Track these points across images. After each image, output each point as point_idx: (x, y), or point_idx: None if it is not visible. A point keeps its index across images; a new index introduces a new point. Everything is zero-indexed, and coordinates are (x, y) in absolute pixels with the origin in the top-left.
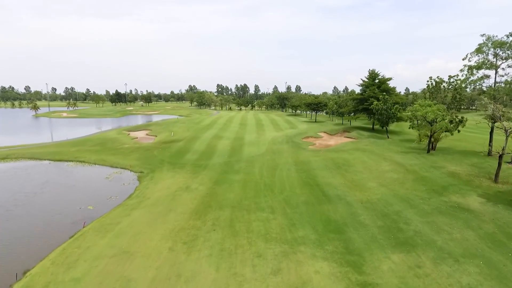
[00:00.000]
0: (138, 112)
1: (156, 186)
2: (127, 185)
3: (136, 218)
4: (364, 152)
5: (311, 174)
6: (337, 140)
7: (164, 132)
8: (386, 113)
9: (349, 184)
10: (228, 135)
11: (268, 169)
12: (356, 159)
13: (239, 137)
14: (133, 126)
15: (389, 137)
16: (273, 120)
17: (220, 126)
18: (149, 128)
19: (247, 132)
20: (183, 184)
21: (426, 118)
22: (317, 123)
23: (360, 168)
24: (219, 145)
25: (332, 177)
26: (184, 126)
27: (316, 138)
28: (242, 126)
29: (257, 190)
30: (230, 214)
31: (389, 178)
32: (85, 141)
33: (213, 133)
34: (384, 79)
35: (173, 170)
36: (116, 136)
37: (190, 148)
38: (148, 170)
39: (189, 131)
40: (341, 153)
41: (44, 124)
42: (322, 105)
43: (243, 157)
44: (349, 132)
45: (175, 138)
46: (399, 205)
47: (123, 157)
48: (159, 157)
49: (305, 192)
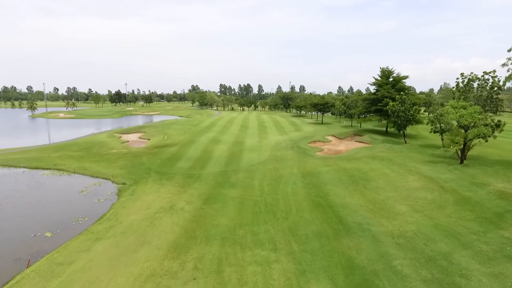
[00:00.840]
0: (138, 112)
1: (135, 204)
2: (102, 202)
3: (97, 254)
4: (382, 161)
5: (322, 191)
6: (347, 145)
7: (159, 135)
8: (404, 115)
9: (371, 206)
10: (227, 139)
11: (270, 182)
12: (375, 170)
13: (239, 142)
14: (127, 128)
15: (407, 142)
16: (276, 121)
17: (220, 128)
18: (143, 130)
19: (248, 135)
20: (167, 201)
21: (460, 122)
22: (323, 125)
23: (381, 184)
24: (216, 150)
25: (348, 195)
26: (181, 129)
27: (324, 143)
28: (243, 129)
29: (255, 212)
30: (219, 252)
31: (422, 198)
32: (70, 145)
33: (211, 136)
34: (399, 77)
35: (160, 181)
36: (105, 139)
37: (183, 154)
38: (132, 181)
39: (185, 134)
40: (355, 162)
41: (37, 125)
42: (329, 105)
43: (241, 166)
44: (361, 136)
45: (169, 142)
46: (446, 243)
47: (107, 164)
48: (147, 165)
49: (316, 217)
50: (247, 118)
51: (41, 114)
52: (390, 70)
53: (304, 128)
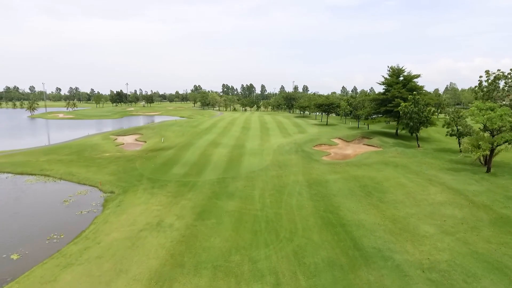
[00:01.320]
0: (139, 113)
1: (120, 218)
2: (84, 215)
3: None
4: (396, 168)
5: (331, 204)
6: (355, 149)
7: (156, 137)
8: (418, 117)
9: (391, 225)
10: (227, 141)
11: (272, 193)
12: (390, 179)
13: (240, 145)
14: (123, 130)
15: (420, 146)
16: (279, 122)
17: (220, 130)
18: (140, 132)
19: (249, 137)
20: (156, 215)
21: (488, 126)
22: (329, 126)
23: (400, 196)
24: (215, 154)
25: (362, 210)
26: (179, 130)
27: (331, 146)
28: (244, 130)
29: (255, 231)
30: (209, 286)
31: (450, 217)
32: (61, 148)
33: (210, 139)
34: (410, 76)
35: (151, 190)
36: (99, 142)
37: (179, 159)
38: (121, 189)
39: (183, 136)
40: (365, 168)
41: (34, 126)
42: (334, 106)
43: (241, 172)
44: (369, 139)
45: (165, 145)
46: (492, 281)
47: (97, 170)
48: (140, 170)
49: (326, 239)
50: (249, 119)
51: (40, 114)
52: (400, 69)
53: (309, 130)
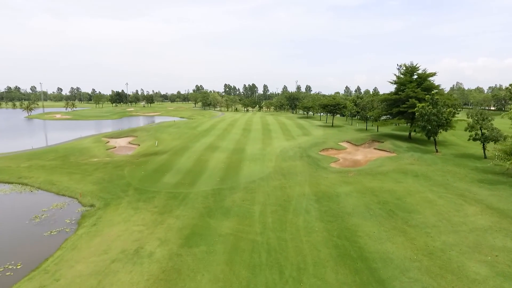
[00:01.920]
0: (138, 113)
1: (92, 242)
2: (53, 237)
3: None
4: (417, 178)
5: (346, 227)
6: (366, 154)
7: (150, 139)
8: (437, 119)
9: (427, 262)
10: (226, 145)
11: (275, 209)
12: (413, 193)
13: (240, 149)
14: (117, 132)
15: (438, 151)
16: (282, 124)
17: (219, 132)
18: (135, 134)
19: (250, 140)
20: (135, 240)
21: None
22: (334, 128)
23: (430, 217)
24: (212, 160)
25: (387, 237)
26: (176, 132)
27: (338, 151)
28: (245, 132)
29: (253, 265)
30: None
31: (503, 249)
32: (47, 153)
33: (208, 142)
34: (425, 74)
35: (136, 204)
36: (89, 145)
37: (172, 165)
38: (102, 202)
39: (180, 138)
40: (381, 178)
41: (28, 128)
42: (340, 106)
43: (240, 182)
44: (380, 142)
45: (159, 149)
46: None
47: (80, 178)
48: (128, 179)
49: (345, 280)
50: (251, 120)
51: (37, 115)
52: (414, 66)
53: (313, 132)
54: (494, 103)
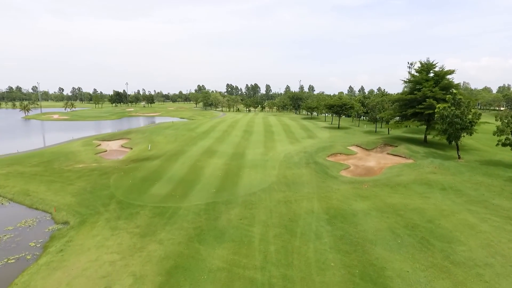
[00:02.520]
0: (138, 113)
1: (49, 279)
2: (8, 267)
3: None
4: (446, 192)
5: (370, 262)
6: (379, 160)
7: (145, 142)
8: (461, 122)
9: None
10: (224, 149)
11: (278, 232)
12: (448, 214)
13: (239, 153)
14: (110, 134)
15: (461, 157)
16: (285, 125)
17: (219, 134)
18: (129, 136)
19: (251, 144)
20: (103, 276)
21: None
22: (341, 130)
23: (478, 251)
24: (208, 167)
25: (426, 281)
26: (173, 134)
27: (348, 156)
28: (246, 135)
29: None
30: None
31: None
32: (30, 157)
33: (206, 145)
34: (443, 72)
35: (115, 223)
36: (78, 148)
37: (164, 173)
38: (78, 219)
39: (176, 141)
40: (402, 191)
41: (22, 129)
42: (347, 107)
43: (238, 194)
44: (394, 147)
45: (152, 154)
46: None
47: (60, 187)
48: (112, 189)
49: None
50: (252, 121)
51: (34, 115)
52: (430, 63)
53: (319, 134)
54: (504, 103)
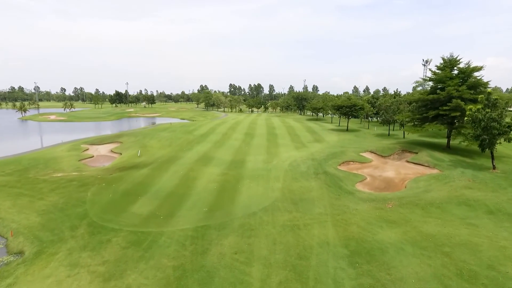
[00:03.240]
0: (138, 114)
1: None
2: None
3: None
4: (495, 217)
5: None
6: (399, 169)
7: (136, 146)
8: (498, 127)
9: None
10: (222, 155)
11: (284, 276)
12: (510, 255)
13: (239, 161)
14: (101, 137)
15: (496, 167)
16: (290, 127)
17: (218, 137)
18: (121, 139)
19: (252, 149)
20: None
21: None
22: (350, 132)
23: None
24: (202, 178)
25: None
26: (168, 138)
27: (362, 164)
28: (247, 138)
29: None
30: None
31: None
32: (6, 164)
33: (203, 150)
34: (469, 68)
35: (78, 255)
36: (62, 154)
37: (150, 185)
38: (35, 248)
39: (170, 146)
40: (438, 214)
41: (13, 130)
42: (357, 108)
43: (234, 215)
44: (413, 153)
45: (141, 161)
46: None
47: (28, 203)
48: (88, 205)
49: None
50: (255, 123)
51: (31, 116)
52: (455, 59)
53: (327, 138)
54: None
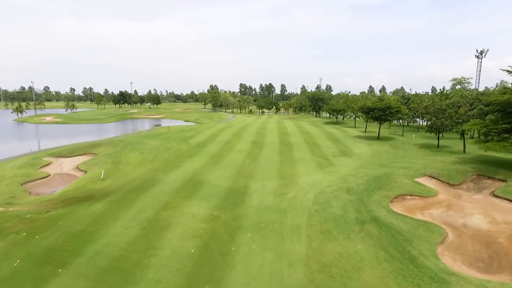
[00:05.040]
0: (140, 115)
1: None
2: None
3: None
4: None
5: None
6: (488, 211)
7: (109, 161)
8: None
9: None
10: (217, 178)
11: None
12: None
13: (239, 190)
14: (74, 147)
15: None
16: (307, 133)
17: (218, 147)
18: (97, 150)
19: (260, 167)
20: None
21: None
22: (383, 141)
23: None
24: (177, 226)
25: None
26: (154, 149)
27: (425, 201)
28: (254, 150)
29: None
30: None
31: None
32: None
33: (192, 169)
34: None
35: None
36: (5, 173)
37: (92, 240)
38: None
39: (152, 161)
40: None
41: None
42: (393, 112)
43: None
44: (498, 181)
45: (103, 187)
46: None
47: None
48: None
49: None
50: (265, 127)
51: (26, 118)
52: None
53: (356, 149)
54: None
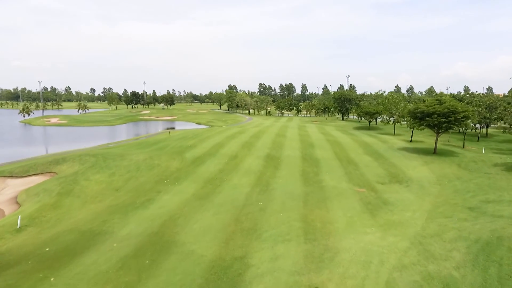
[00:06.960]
0: (151, 117)
1: None
2: None
3: None
4: None
5: None
6: None
7: (56, 192)
8: None
9: None
10: (197, 239)
11: None
12: None
13: (229, 273)
14: (34, 162)
15: None
16: (337, 143)
17: (218, 166)
18: (60, 167)
19: (271, 212)
20: None
21: None
22: (441, 157)
23: None
24: None
25: None
26: (130, 169)
27: None
28: (268, 171)
29: None
30: None
31: None
32: None
33: (167, 210)
34: None
35: None
36: None
37: None
38: None
39: (118, 191)
40: None
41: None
42: (460, 118)
43: None
44: None
45: (7, 249)
46: None
47: None
48: None
49: None
50: (283, 134)
51: (31, 119)
52: None
53: (410, 171)
54: None
